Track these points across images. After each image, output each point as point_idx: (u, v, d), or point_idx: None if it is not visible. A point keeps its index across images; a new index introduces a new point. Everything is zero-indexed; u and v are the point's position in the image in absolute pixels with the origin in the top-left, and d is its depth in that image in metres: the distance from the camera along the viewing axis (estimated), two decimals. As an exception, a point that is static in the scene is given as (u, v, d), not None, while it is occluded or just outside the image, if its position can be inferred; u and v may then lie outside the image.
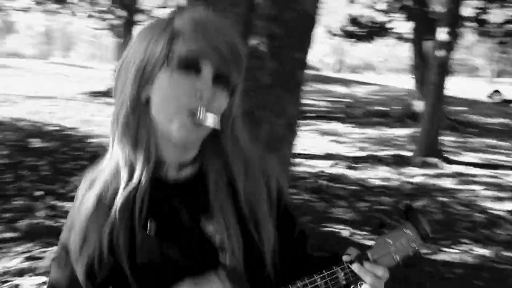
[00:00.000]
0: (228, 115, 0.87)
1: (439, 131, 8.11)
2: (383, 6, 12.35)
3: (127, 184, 0.84)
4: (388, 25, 13.08)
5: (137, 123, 0.83)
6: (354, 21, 13.00)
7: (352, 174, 6.75)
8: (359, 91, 21.05)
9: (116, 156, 0.86)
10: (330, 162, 7.43)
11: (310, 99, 17.44)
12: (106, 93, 15.02)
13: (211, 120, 0.78)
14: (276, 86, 3.23)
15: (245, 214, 0.88)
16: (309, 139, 9.64)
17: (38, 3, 13.73)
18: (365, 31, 12.92)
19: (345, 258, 0.89)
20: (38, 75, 22.42)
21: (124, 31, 14.78)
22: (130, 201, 0.84)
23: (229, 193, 0.88)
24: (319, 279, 0.87)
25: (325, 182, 6.11)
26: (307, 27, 3.17)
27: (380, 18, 12.97)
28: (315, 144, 9.14)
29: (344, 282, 0.88)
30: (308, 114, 13.00)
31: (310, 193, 5.55)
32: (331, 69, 51.94)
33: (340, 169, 7.00)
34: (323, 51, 58.97)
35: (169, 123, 0.80)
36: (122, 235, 0.83)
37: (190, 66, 0.78)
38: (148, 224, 0.84)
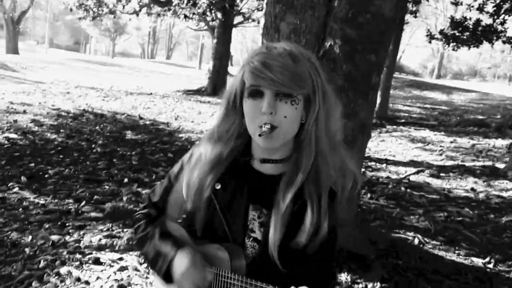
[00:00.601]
0: (308, 122, 1.10)
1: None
2: (491, 7, 11.39)
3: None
4: (497, 28, 12.05)
5: (226, 136, 1.18)
6: (458, 24, 12.21)
7: (436, 183, 6.48)
8: (458, 99, 19.88)
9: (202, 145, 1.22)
10: (414, 169, 7.21)
11: (404, 105, 16.86)
12: (198, 91, 15.79)
13: (266, 130, 1.06)
14: (349, 89, 3.27)
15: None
16: (396, 145, 9.39)
17: (143, 6, 14.77)
18: (470, 34, 12.11)
19: None
20: (143, 74, 24.13)
21: (221, 32, 15.36)
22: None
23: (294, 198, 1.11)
24: None
25: (405, 189, 5.96)
26: (383, 30, 3.17)
27: (488, 20, 11.97)
28: (402, 151, 8.88)
29: None
30: (399, 120, 12.63)
31: (387, 199, 5.47)
32: (431, 75, 49.39)
33: (423, 177, 6.76)
34: (424, 55, 56.32)
35: (254, 135, 1.10)
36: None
37: (255, 94, 1.07)
38: (217, 186, 1.18)
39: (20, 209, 3.94)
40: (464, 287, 3.35)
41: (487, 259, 3.86)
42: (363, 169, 6.88)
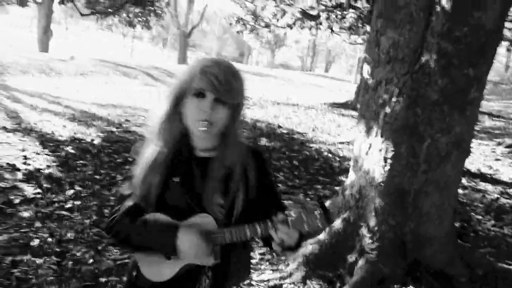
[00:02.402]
0: (231, 123, 1.46)
1: None
2: None
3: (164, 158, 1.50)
4: None
5: (170, 126, 1.47)
6: None
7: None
8: None
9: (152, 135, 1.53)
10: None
11: None
12: (344, 105, 15.84)
13: (205, 126, 1.38)
14: (444, 103, 3.20)
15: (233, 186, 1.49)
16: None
17: (297, 20, 15.42)
18: None
19: (273, 218, 1.34)
20: (295, 85, 25.04)
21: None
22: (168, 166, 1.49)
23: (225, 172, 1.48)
24: (252, 227, 1.39)
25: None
26: (483, 43, 3.05)
27: None
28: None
29: (261, 234, 1.38)
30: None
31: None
32: None
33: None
34: None
35: (191, 127, 1.43)
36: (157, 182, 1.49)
37: (199, 94, 1.38)
38: (176, 178, 1.48)
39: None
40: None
41: None
42: (496, 195, 6.32)
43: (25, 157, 5.38)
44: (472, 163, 7.72)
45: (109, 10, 19.93)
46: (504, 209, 5.71)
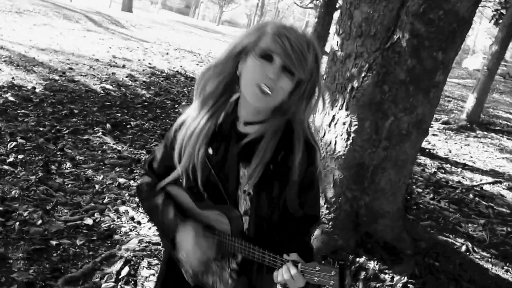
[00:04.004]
0: (290, 102, 1.25)
1: None
2: None
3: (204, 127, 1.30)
4: None
5: (224, 89, 1.28)
6: None
7: (511, 196, 6.14)
8: None
9: (197, 107, 1.32)
10: (492, 179, 6.84)
11: (506, 111, 15.66)
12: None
13: (266, 90, 1.17)
14: (411, 84, 3.25)
15: (287, 180, 1.27)
16: (481, 152, 8.89)
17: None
18: None
19: (285, 256, 1.19)
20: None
21: (323, 13, 15.16)
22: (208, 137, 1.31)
23: (272, 157, 1.26)
24: (259, 253, 1.23)
25: (473, 197, 5.72)
26: (455, 29, 3.10)
27: None
28: (485, 158, 8.40)
29: (270, 265, 1.22)
30: (493, 127, 11.82)
31: (450, 202, 5.30)
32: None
33: (499, 189, 6.41)
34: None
35: (246, 91, 1.21)
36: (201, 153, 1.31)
37: (266, 57, 1.17)
38: (210, 150, 1.31)
39: (99, 151, 4.46)
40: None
41: (537, 282, 3.68)
42: (434, 169, 6.70)
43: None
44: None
45: None
46: (441, 184, 6.06)
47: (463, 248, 4.03)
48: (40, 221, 3.04)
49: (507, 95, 20.11)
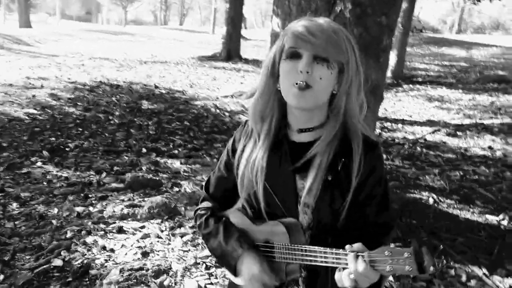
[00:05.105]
0: (340, 94, 1.16)
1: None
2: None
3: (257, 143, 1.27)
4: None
5: (266, 106, 1.23)
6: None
7: (452, 142, 6.45)
8: (478, 54, 19.33)
9: (251, 125, 1.29)
10: (431, 129, 7.18)
11: (421, 62, 16.53)
12: (213, 57, 15.69)
13: (301, 84, 1.10)
14: (361, 52, 3.25)
15: (350, 185, 1.16)
16: (413, 105, 9.31)
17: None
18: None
19: (347, 247, 1.02)
20: (155, 41, 24.00)
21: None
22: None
23: (331, 163, 1.17)
24: (324, 253, 1.08)
25: (420, 149, 5.97)
26: (392, -9, 3.12)
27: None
28: (419, 110, 8.81)
29: (335, 264, 1.06)
30: (416, 79, 12.44)
31: (403, 159, 5.49)
32: (451, 30, 47.74)
33: (440, 136, 6.74)
34: (444, 10, 54.26)
35: (287, 95, 1.14)
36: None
37: (293, 55, 1.12)
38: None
39: (45, 183, 4.10)
40: (477, 244, 3.41)
41: (501, 216, 3.90)
42: (378, 130, 6.90)
43: None
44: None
45: None
46: (389, 143, 6.26)
47: (430, 200, 4.17)
48: (2, 276, 2.71)
49: (417, 47, 21.22)
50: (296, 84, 1.10)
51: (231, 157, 1.33)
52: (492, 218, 3.87)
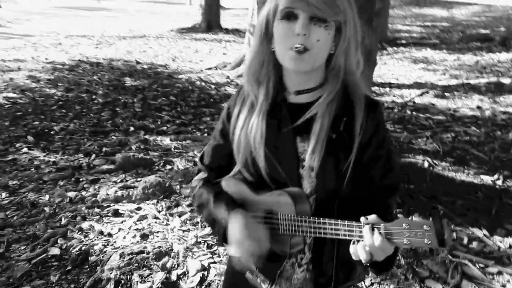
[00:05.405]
0: (338, 54, 1.10)
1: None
2: None
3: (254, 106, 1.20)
4: None
5: (261, 68, 1.16)
6: None
7: (441, 103, 6.44)
8: (460, 13, 19.27)
9: (247, 90, 1.22)
10: (419, 91, 7.15)
11: (403, 24, 16.42)
12: (192, 29, 15.34)
13: (299, 47, 1.04)
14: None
15: (353, 145, 1.11)
16: (399, 67, 9.25)
17: None
18: None
19: (362, 219, 0.97)
20: (131, 15, 23.35)
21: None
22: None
23: (332, 122, 1.11)
24: (334, 225, 1.03)
25: (410, 112, 5.94)
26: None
27: None
28: (405, 73, 8.76)
29: (347, 237, 1.01)
30: (400, 41, 12.34)
31: (394, 123, 5.46)
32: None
33: (428, 98, 6.72)
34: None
35: (283, 59, 1.09)
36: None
37: (289, 16, 1.05)
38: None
39: (33, 169, 3.98)
40: (475, 206, 3.42)
41: (496, 176, 3.91)
42: (367, 96, 6.85)
43: None
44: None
45: None
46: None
47: (425, 164, 4.16)
48: (-2, 269, 2.64)
49: (398, 8, 21.06)
50: (295, 48, 1.04)
51: (227, 123, 1.27)
52: (487, 179, 3.89)
